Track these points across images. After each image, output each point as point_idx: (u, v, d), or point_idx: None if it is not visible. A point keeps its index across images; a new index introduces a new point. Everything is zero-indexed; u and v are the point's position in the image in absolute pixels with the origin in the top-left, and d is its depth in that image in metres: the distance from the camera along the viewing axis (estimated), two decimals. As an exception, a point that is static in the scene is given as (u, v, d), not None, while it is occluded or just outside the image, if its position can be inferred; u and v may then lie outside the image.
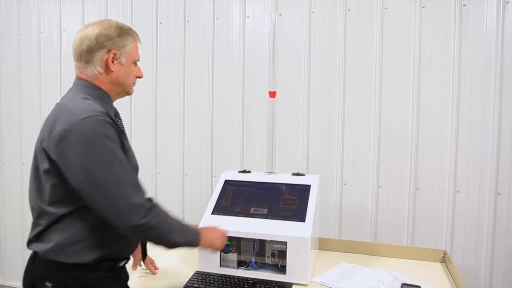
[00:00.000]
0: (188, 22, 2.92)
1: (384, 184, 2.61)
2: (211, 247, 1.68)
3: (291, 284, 1.91)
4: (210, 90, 2.90)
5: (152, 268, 2.04)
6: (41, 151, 1.44)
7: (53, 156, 1.40)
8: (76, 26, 3.16)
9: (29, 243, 1.50)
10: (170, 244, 1.50)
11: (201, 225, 2.00)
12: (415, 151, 2.56)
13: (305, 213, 2.00)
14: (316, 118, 2.70)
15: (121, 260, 1.58)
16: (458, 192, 2.51)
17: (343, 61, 2.64)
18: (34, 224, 1.48)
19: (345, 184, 2.67)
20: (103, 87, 1.55)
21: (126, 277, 1.64)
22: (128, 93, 1.63)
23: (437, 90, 2.51)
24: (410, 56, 2.54)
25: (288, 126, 2.74)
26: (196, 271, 2.01)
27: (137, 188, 1.43)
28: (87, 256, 1.45)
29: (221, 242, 1.71)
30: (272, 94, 2.31)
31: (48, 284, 1.44)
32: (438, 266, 2.19)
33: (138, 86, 1.71)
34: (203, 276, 1.96)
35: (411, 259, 2.27)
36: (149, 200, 1.45)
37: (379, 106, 2.59)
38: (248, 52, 2.81)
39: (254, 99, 2.81)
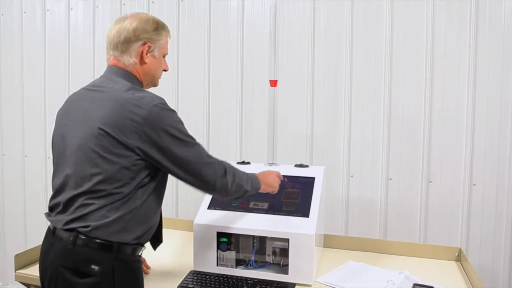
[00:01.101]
0: (182, 0, 2.91)
1: (394, 176, 2.60)
2: (272, 188, 1.95)
3: (294, 284, 1.91)
4: (206, 75, 2.89)
5: (144, 267, 2.03)
6: (104, 135, 1.54)
7: (134, 141, 1.54)
8: (61, 7, 3.14)
9: (69, 223, 1.57)
10: (244, 192, 1.79)
11: (197, 221, 2.02)
12: (428, 140, 2.55)
13: (309, 208, 2.00)
14: (321, 106, 2.69)
15: (141, 245, 1.67)
16: (474, 185, 2.51)
17: (349, 45, 2.63)
18: (81, 206, 1.56)
19: (352, 176, 2.66)
20: (137, 77, 1.70)
21: (141, 266, 1.71)
22: (155, 85, 1.79)
23: (452, 76, 2.50)
24: (422, 39, 2.52)
25: (290, 114, 2.74)
26: (191, 271, 2.01)
27: (209, 156, 1.70)
28: (129, 236, 1.58)
29: (277, 182, 1.97)
30: (273, 83, 2.31)
31: (95, 267, 1.53)
32: (452, 265, 2.19)
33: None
34: (199, 276, 1.95)
35: (423, 257, 2.26)
36: (221, 162, 1.72)
37: (389, 93, 2.58)
38: (247, 34, 2.80)
39: (254, 84, 2.80)
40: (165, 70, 1.81)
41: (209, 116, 2.89)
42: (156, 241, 1.85)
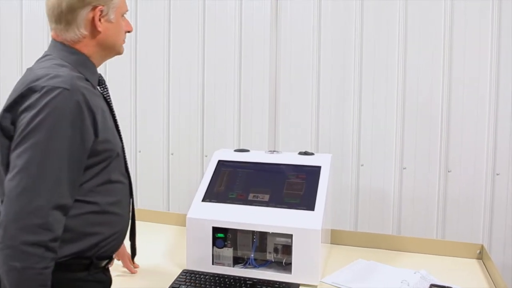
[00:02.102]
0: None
1: (409, 165, 2.60)
2: None
3: (298, 285, 1.91)
4: (200, 54, 2.89)
5: (131, 267, 2.04)
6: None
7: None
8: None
9: None
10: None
11: (190, 214, 2.01)
12: (446, 125, 2.55)
13: (315, 200, 2.00)
14: (328, 86, 2.69)
15: (101, 258, 1.57)
16: (497, 174, 2.51)
17: (359, 23, 2.62)
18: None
19: (362, 165, 2.67)
20: (85, 51, 1.55)
21: (108, 281, 1.64)
22: (119, 53, 1.64)
23: (472, 54, 2.49)
24: (440, 13, 2.51)
25: (294, 96, 2.73)
26: (184, 270, 2.01)
27: (59, 194, 1.39)
28: (60, 252, 1.43)
29: None
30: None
31: None
32: (473, 263, 2.20)
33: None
34: (192, 275, 1.96)
35: (441, 255, 2.27)
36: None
37: (403, 74, 2.58)
38: (246, 14, 2.79)
39: (253, 64, 2.80)
40: (128, 32, 1.65)
41: (203, 102, 2.90)
42: (131, 253, 1.83)
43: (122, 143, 1.62)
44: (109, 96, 1.64)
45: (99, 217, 1.51)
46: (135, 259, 2.05)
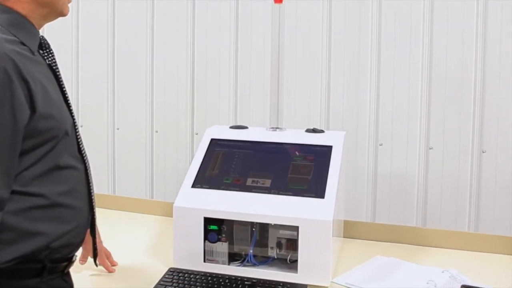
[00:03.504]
0: None
1: (436, 145, 2.60)
2: None
3: (305, 286, 1.91)
4: (190, 15, 2.89)
5: (108, 264, 2.04)
6: None
7: None
8: None
9: None
10: None
11: (178, 203, 2.02)
12: (480, 99, 2.54)
13: (325, 186, 2.01)
14: (341, 53, 2.69)
15: (56, 261, 1.55)
16: (541, 156, 2.52)
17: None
18: None
19: (381, 144, 2.67)
20: (19, 9, 1.51)
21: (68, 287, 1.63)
22: (61, 13, 1.59)
23: (510, 14, 2.47)
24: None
25: (300, 64, 2.73)
26: (170, 268, 2.01)
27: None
28: (1, 256, 1.41)
29: None
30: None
31: None
32: (512, 260, 2.22)
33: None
34: (180, 275, 1.95)
35: (474, 250, 2.27)
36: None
37: (430, 37, 2.58)
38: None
39: (252, 28, 2.80)
40: None
41: (193, 71, 2.90)
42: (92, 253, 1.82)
43: (73, 118, 1.58)
44: (54, 62, 1.59)
45: (47, 212, 1.48)
46: (115, 256, 2.08)
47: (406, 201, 2.65)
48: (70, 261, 1.60)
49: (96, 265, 1.88)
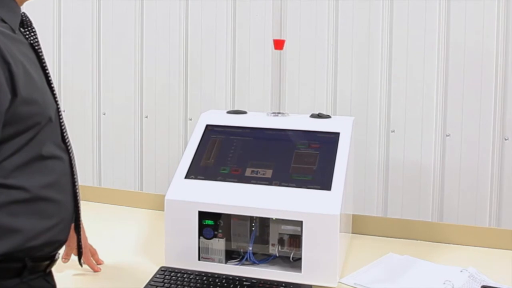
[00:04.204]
0: None
1: (454, 131, 2.60)
2: None
3: (309, 286, 1.91)
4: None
5: (93, 263, 2.04)
6: None
7: None
8: None
9: None
10: None
11: (169, 195, 2.02)
12: (503, 81, 2.53)
13: (331, 177, 2.00)
14: (349, 32, 2.68)
15: (37, 260, 1.54)
16: None
17: None
18: None
19: (393, 131, 2.66)
20: None
21: None
22: None
23: None
24: None
25: (304, 43, 2.72)
26: (162, 267, 2.01)
27: None
28: None
29: None
30: (279, 45, 2.31)
31: None
32: (538, 258, 2.22)
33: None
34: (172, 274, 1.95)
35: (496, 247, 2.28)
36: None
37: (446, 13, 2.57)
38: None
39: (251, 1, 2.79)
40: None
41: (187, 50, 2.90)
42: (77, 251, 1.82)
43: (56, 103, 1.57)
44: (37, 42, 1.58)
45: (27, 206, 1.47)
46: (101, 254, 2.08)
47: (420, 194, 2.65)
48: (52, 259, 1.59)
49: (81, 265, 1.88)
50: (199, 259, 2.01)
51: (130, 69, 2.98)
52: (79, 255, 1.81)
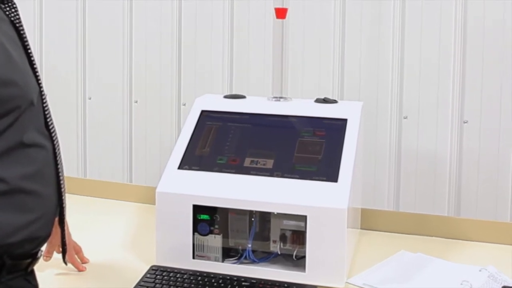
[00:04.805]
0: None
1: (472, 117, 2.59)
2: None
3: (314, 287, 1.92)
4: None
5: (78, 262, 2.04)
6: None
7: None
8: None
9: None
10: None
11: (161, 187, 2.02)
12: None
13: (338, 167, 2.01)
14: (358, 6, 2.67)
15: (17, 258, 1.54)
16: None
17: None
18: None
19: (405, 117, 2.66)
20: None
21: None
22: None
23: None
24: None
25: (308, 21, 2.72)
26: (153, 266, 2.01)
27: None
28: None
29: None
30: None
31: None
32: None
33: None
34: (164, 274, 1.96)
35: None
36: None
37: None
38: None
39: None
40: None
41: (180, 30, 2.90)
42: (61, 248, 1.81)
43: (40, 86, 1.56)
44: (18, 18, 1.58)
45: (6, 199, 1.45)
46: (87, 252, 2.09)
47: (435, 186, 2.64)
48: (34, 257, 1.59)
49: (65, 263, 1.88)
50: (193, 257, 2.01)
51: (118, 49, 2.98)
52: (63, 252, 1.80)
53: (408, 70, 2.64)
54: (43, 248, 1.77)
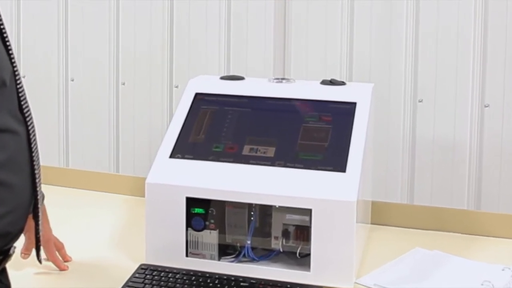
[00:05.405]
0: None
1: (494, 101, 2.59)
2: None
3: None
4: None
5: (59, 260, 2.03)
6: None
7: None
8: None
9: None
10: None
11: (151, 178, 2.03)
12: None
13: (346, 156, 2.01)
14: None
15: None
16: None
17: None
18: None
19: (421, 101, 2.66)
20: None
21: None
22: None
23: None
24: None
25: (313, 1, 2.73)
26: (142, 265, 2.01)
27: None
28: None
29: None
30: None
31: None
32: None
33: None
34: (155, 273, 1.95)
35: None
36: None
37: None
38: None
39: None
40: None
41: (172, 5, 2.90)
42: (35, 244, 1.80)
43: (13, 66, 1.56)
44: None
45: None
46: (70, 249, 2.08)
47: (453, 176, 2.64)
48: (6, 255, 1.59)
49: (40, 261, 1.86)
50: (186, 255, 2.01)
51: (103, 25, 2.98)
52: (37, 249, 1.79)
53: (423, 48, 2.64)
54: (17, 244, 1.77)
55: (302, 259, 1.96)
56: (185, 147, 2.10)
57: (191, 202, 1.98)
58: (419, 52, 2.64)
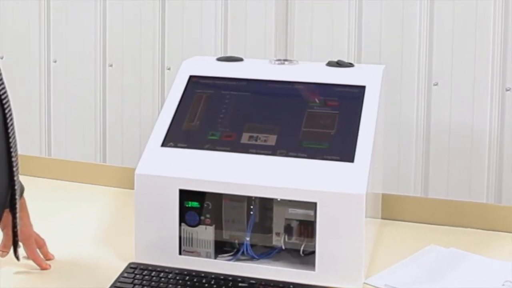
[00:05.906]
0: None
1: None
2: None
3: None
4: None
5: (40, 258, 2.03)
6: None
7: None
8: None
9: None
10: None
11: (141, 169, 2.03)
12: None
13: (355, 145, 2.01)
14: None
15: None
16: None
17: None
18: None
19: (436, 84, 2.66)
20: None
21: None
22: None
23: None
24: None
25: None
26: (131, 264, 2.01)
27: None
28: None
29: None
30: None
31: None
32: None
33: None
34: (145, 273, 1.95)
35: None
36: None
37: None
38: None
39: None
40: None
41: None
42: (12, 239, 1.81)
43: None
44: None
45: None
46: (53, 247, 2.08)
47: (472, 167, 2.64)
48: None
49: (17, 258, 1.86)
50: (180, 253, 2.01)
51: (89, 3, 2.98)
52: (14, 245, 1.79)
53: (438, 26, 2.63)
54: None
55: (306, 257, 1.97)
56: (178, 135, 2.11)
57: (185, 195, 1.98)
58: (434, 31, 2.64)
